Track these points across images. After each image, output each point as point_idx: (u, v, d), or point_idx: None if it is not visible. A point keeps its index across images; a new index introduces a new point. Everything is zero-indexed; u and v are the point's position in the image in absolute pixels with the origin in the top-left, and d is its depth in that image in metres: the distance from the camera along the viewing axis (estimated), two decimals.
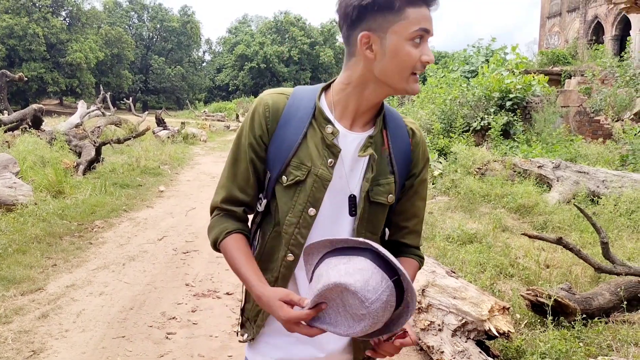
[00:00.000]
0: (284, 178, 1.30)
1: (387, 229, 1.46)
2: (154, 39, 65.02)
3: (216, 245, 1.37)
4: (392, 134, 1.36)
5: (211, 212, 1.41)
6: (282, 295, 1.20)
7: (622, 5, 10.78)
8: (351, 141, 1.30)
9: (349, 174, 1.31)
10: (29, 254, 5.09)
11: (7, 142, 10.82)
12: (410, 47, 1.18)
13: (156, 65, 59.98)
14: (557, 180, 8.14)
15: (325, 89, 1.35)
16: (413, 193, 1.42)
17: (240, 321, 1.49)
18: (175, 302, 4.21)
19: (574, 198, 7.55)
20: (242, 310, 1.47)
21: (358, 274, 1.09)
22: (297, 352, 1.37)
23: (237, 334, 1.48)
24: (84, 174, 9.43)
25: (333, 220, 1.33)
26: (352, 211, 1.32)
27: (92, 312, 3.93)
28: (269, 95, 1.34)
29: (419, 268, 1.48)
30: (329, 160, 1.29)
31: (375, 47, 1.20)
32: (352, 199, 1.31)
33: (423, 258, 1.49)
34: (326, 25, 66.93)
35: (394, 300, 1.11)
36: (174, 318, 3.91)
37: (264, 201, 1.37)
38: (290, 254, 1.32)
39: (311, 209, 1.30)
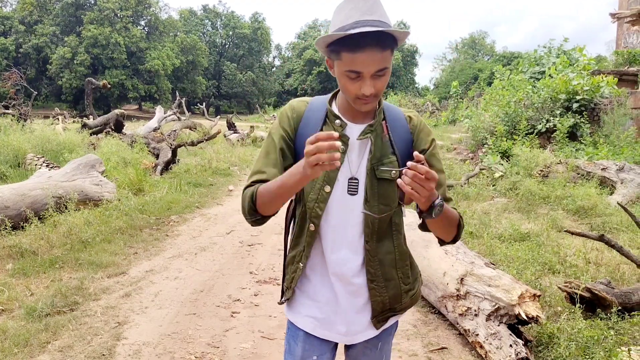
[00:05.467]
0: None
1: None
2: (227, 46, 67.27)
3: (253, 200, 1.53)
4: (391, 123, 1.64)
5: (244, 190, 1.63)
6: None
7: (628, 19, 10.51)
8: (356, 131, 1.59)
9: (356, 158, 1.59)
10: (114, 243, 5.72)
11: (92, 144, 11.82)
12: (347, 80, 1.46)
13: (228, 71, 62.05)
14: (621, 183, 8.03)
15: (334, 96, 1.67)
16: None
17: (281, 290, 1.80)
18: (240, 287, 4.67)
19: (638, 200, 7.46)
20: (283, 281, 1.77)
21: None
22: (325, 310, 1.67)
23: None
24: (161, 174, 10.20)
25: (344, 197, 1.60)
26: (351, 190, 1.59)
27: (168, 293, 4.46)
28: (295, 101, 1.68)
29: (460, 221, 1.61)
30: (341, 147, 1.52)
31: (334, 70, 1.51)
32: (352, 180, 1.58)
33: (461, 216, 1.63)
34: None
35: None
36: (238, 300, 4.37)
37: None
38: (312, 225, 1.61)
39: (327, 186, 1.58)
